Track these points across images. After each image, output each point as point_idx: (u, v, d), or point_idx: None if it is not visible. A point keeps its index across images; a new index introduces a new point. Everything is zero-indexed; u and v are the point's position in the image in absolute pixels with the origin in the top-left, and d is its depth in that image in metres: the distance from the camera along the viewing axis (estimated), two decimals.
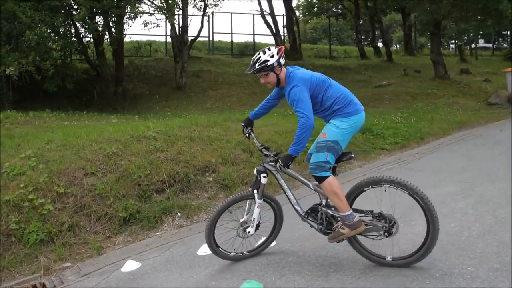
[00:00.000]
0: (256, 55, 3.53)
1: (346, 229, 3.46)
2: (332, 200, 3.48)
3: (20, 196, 5.07)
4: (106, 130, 7.09)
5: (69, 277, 4.37)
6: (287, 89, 3.48)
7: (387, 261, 3.55)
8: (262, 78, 3.58)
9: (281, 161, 3.45)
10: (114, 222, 5.24)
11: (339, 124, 3.47)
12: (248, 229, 3.77)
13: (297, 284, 3.40)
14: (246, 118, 4.02)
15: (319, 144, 3.46)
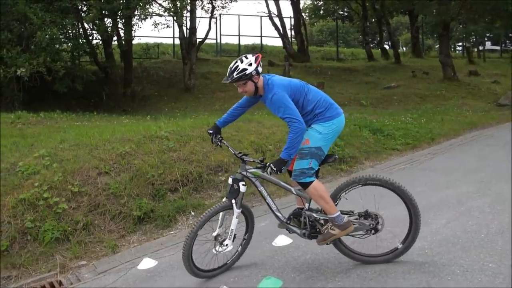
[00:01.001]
0: (233, 64, 3.42)
1: (336, 229, 3.45)
2: (319, 203, 3.46)
3: (34, 194, 5.09)
4: (118, 130, 7.11)
5: (85, 275, 4.38)
6: (268, 97, 3.40)
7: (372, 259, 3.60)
8: (240, 87, 3.45)
9: (274, 165, 3.28)
10: (129, 221, 5.25)
11: (321, 130, 3.43)
12: (226, 242, 3.57)
13: (317, 280, 3.39)
14: (213, 125, 3.83)
15: (302, 151, 3.39)
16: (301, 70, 15.85)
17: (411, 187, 5.75)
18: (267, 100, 3.44)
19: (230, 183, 3.58)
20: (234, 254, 3.85)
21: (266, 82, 3.45)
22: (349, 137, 7.72)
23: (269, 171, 3.31)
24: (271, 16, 18.01)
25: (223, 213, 3.60)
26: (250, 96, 3.61)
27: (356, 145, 7.59)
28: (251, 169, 3.58)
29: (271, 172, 3.32)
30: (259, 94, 3.53)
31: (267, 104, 3.48)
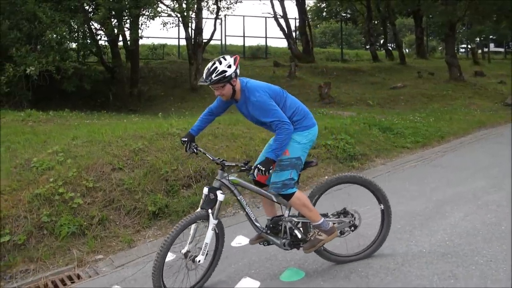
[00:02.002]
0: (211, 65, 3.22)
1: (324, 235, 3.41)
2: (303, 212, 3.42)
3: (50, 190, 5.11)
4: (129, 127, 7.14)
5: (103, 268, 4.39)
6: (250, 100, 3.26)
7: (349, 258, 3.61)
8: (217, 90, 3.25)
9: (262, 166, 3.14)
10: (143, 216, 5.26)
11: (299, 139, 3.35)
12: (198, 258, 3.24)
13: (340, 271, 3.40)
14: (187, 133, 3.64)
15: (282, 163, 3.31)
16: (307, 70, 15.88)
17: (424, 184, 5.84)
18: (248, 104, 3.29)
19: (206, 193, 3.31)
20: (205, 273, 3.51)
21: (245, 85, 3.31)
22: (359, 135, 7.73)
23: (256, 172, 3.17)
24: (276, 17, 18.07)
25: (195, 226, 3.29)
26: (225, 100, 3.41)
27: (366, 143, 7.60)
28: (230, 177, 3.38)
29: (257, 174, 3.18)
30: (235, 98, 3.34)
31: (248, 108, 3.31)
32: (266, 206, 3.65)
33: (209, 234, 3.27)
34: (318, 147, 7.04)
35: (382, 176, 6.46)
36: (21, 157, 5.86)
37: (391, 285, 3.09)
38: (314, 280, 3.32)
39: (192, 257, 3.27)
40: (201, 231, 3.33)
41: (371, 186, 3.67)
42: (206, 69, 3.24)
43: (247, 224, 4.90)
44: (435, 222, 4.20)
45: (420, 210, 4.62)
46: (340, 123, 8.00)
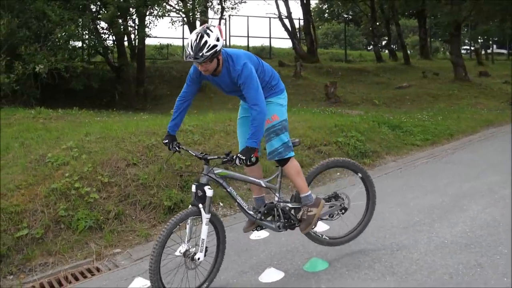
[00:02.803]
0: (197, 38, 2.93)
1: (313, 209, 3.45)
2: (296, 180, 3.44)
3: (66, 184, 5.13)
4: (141, 124, 7.16)
5: (121, 261, 4.41)
6: (235, 69, 3.07)
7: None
8: (204, 66, 3.00)
9: (242, 155, 3.03)
10: (159, 211, 5.28)
11: (282, 102, 3.36)
12: (197, 256, 3.14)
13: (363, 261, 3.42)
14: (166, 135, 3.44)
15: (276, 128, 3.28)
16: (312, 70, 15.93)
17: (438, 179, 5.87)
18: (231, 73, 3.10)
19: (194, 191, 3.20)
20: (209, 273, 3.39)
21: (226, 56, 3.11)
22: (369, 132, 7.76)
23: (238, 162, 3.04)
24: (281, 17, 18.11)
25: (190, 224, 3.19)
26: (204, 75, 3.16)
27: (376, 141, 7.63)
28: (217, 170, 3.27)
29: (240, 163, 3.05)
30: (216, 71, 3.12)
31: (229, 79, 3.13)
32: (254, 187, 3.62)
33: (204, 229, 3.17)
34: (330, 144, 7.07)
35: (394, 172, 6.49)
36: (35, 153, 5.89)
37: (417, 274, 3.12)
38: (339, 270, 3.35)
39: (191, 256, 3.17)
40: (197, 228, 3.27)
41: (362, 172, 3.80)
42: (193, 43, 2.92)
43: None
44: (454, 215, 4.23)
45: (437, 204, 4.65)
46: (350, 121, 8.03)
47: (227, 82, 3.17)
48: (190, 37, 2.99)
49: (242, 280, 3.41)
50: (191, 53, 2.93)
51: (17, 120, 7.80)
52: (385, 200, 5.03)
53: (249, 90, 3.05)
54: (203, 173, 3.23)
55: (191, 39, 2.95)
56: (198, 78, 3.28)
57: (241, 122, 3.56)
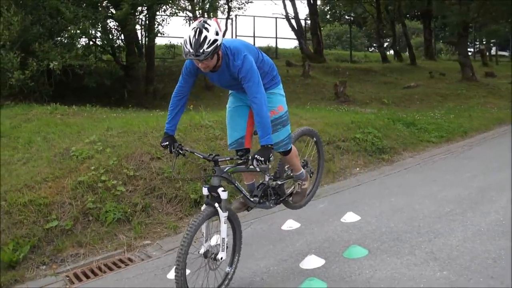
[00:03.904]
0: (196, 34, 2.70)
1: (305, 183, 3.59)
2: (295, 163, 3.50)
3: (92, 177, 5.17)
4: (161, 119, 7.20)
5: (153, 252, 4.45)
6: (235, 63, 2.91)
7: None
8: (204, 62, 2.79)
9: (261, 156, 2.85)
10: (185, 204, 5.32)
11: (282, 93, 3.30)
12: (220, 255, 3.03)
13: (402, 247, 3.47)
14: (165, 136, 3.22)
15: (283, 119, 3.22)
16: (319, 70, 16.00)
17: (460, 173, 5.92)
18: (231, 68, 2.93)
19: (206, 194, 3.06)
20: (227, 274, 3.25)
21: (225, 49, 2.92)
22: (384, 129, 7.81)
23: (255, 163, 2.88)
24: (288, 17, 18.19)
25: (206, 224, 3.06)
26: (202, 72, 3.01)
27: (392, 137, 7.68)
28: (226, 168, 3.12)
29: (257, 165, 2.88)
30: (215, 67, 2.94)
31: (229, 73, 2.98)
32: (247, 174, 3.54)
33: (224, 228, 3.04)
34: (347, 140, 7.12)
35: (414, 167, 6.55)
36: (58, 147, 5.92)
37: (460, 259, 3.17)
38: (379, 256, 3.40)
39: (213, 256, 3.05)
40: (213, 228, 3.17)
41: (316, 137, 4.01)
42: (192, 39, 2.69)
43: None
44: (484, 205, 4.29)
45: (464, 195, 4.71)
46: (365, 118, 8.08)
47: (226, 77, 3.02)
48: (187, 33, 2.73)
49: (283, 267, 3.45)
50: (190, 51, 2.70)
51: (35, 115, 7.83)
52: (411, 192, 5.08)
53: (250, 83, 2.91)
54: (215, 174, 3.06)
55: (189, 36, 2.70)
56: (195, 71, 3.08)
57: (233, 112, 3.41)
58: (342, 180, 6.14)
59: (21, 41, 9.59)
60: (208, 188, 3.05)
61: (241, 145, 3.35)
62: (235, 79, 2.99)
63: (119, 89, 13.28)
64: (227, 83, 3.11)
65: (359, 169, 6.60)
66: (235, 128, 3.37)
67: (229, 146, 3.42)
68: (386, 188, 5.43)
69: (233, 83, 3.08)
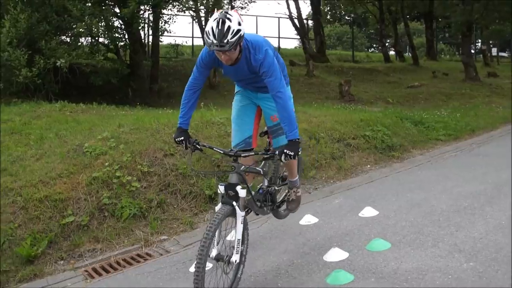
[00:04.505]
0: (218, 24, 2.62)
1: (299, 190, 3.57)
2: (293, 169, 3.45)
3: (107, 173, 5.17)
4: (172, 117, 7.21)
5: (170, 247, 4.45)
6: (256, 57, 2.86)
7: None
8: (226, 54, 2.73)
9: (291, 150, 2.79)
10: (199, 200, 5.32)
11: (290, 94, 3.20)
12: (233, 258, 2.86)
13: (425, 241, 3.49)
14: (179, 131, 3.15)
15: None
16: (323, 70, 16.05)
17: (473, 169, 5.96)
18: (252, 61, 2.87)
19: (222, 192, 2.92)
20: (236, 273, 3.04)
21: (246, 42, 2.85)
22: (393, 127, 7.85)
23: (284, 158, 2.81)
24: (291, 17, 18.23)
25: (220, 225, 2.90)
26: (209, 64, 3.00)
27: (401, 135, 7.72)
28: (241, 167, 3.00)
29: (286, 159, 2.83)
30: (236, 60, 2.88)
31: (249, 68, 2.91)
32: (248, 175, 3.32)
33: (240, 228, 2.88)
34: (357, 138, 7.15)
35: (424, 164, 6.58)
36: (71, 143, 5.92)
37: (485, 251, 3.20)
38: (403, 249, 3.42)
39: (227, 259, 2.87)
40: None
41: None
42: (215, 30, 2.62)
43: (313, 203, 5.03)
44: (501, 200, 4.33)
45: (480, 190, 4.75)
46: (374, 116, 8.11)
47: (245, 70, 2.95)
48: (209, 25, 2.67)
49: (307, 260, 3.46)
50: (214, 41, 2.62)
51: (44, 112, 7.83)
52: (426, 188, 5.11)
53: (272, 78, 2.86)
54: (234, 171, 2.93)
55: (212, 26, 2.63)
56: (211, 63, 3.01)
57: (241, 110, 3.37)
58: (354, 177, 6.16)
59: (27, 39, 9.58)
60: (225, 186, 2.91)
61: (249, 145, 3.29)
62: (253, 73, 2.94)
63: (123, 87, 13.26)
64: (243, 77, 3.06)
65: (370, 166, 6.62)
66: (242, 127, 3.32)
67: (236, 146, 3.31)
68: (400, 184, 5.46)
69: (250, 78, 3.03)
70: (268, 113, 3.27)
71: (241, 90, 3.38)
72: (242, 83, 3.27)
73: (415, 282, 2.86)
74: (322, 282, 3.05)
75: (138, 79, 13.21)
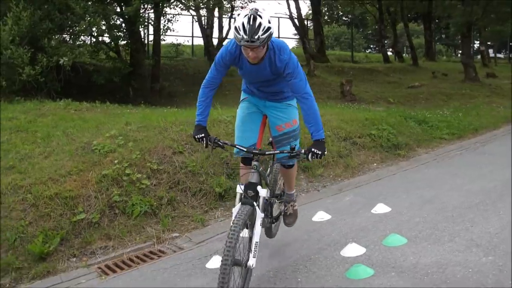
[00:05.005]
0: (249, 20, 2.64)
1: (296, 204, 3.52)
2: (292, 181, 3.46)
3: (116, 171, 5.17)
4: (178, 115, 7.22)
5: (183, 244, 4.45)
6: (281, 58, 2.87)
7: None
8: (255, 51, 2.73)
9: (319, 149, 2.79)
10: (209, 197, 5.33)
11: (296, 105, 3.21)
12: (250, 262, 2.74)
13: (440, 236, 3.52)
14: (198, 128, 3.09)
15: (296, 132, 3.20)
16: (323, 69, 16.09)
17: (480, 167, 6.00)
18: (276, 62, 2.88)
19: (240, 192, 2.85)
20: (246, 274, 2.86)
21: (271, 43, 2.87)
22: (398, 126, 7.89)
23: (311, 157, 2.80)
24: (292, 17, 18.26)
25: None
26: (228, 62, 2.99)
27: (406, 134, 7.76)
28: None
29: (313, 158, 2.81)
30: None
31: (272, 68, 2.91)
32: None
33: (259, 230, 2.75)
34: (363, 137, 7.18)
35: (431, 163, 6.62)
36: (79, 140, 5.91)
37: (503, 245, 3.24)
38: (420, 244, 3.44)
39: (244, 263, 2.74)
40: None
41: None
42: (246, 25, 2.63)
43: (323, 201, 5.05)
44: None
45: (490, 188, 4.79)
46: (379, 115, 8.16)
47: (267, 71, 2.94)
48: (240, 20, 2.69)
49: (324, 256, 3.47)
50: (244, 37, 2.63)
51: (49, 110, 7.80)
52: (436, 186, 5.14)
53: (297, 79, 2.88)
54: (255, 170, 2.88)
55: (243, 22, 2.65)
56: (230, 62, 3.01)
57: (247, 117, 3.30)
58: (362, 175, 6.19)
59: (29, 37, 9.55)
60: (245, 185, 2.84)
61: None
62: (275, 74, 2.95)
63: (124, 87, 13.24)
64: (263, 78, 3.03)
65: (377, 164, 6.65)
66: (248, 134, 3.23)
67: (239, 153, 3.21)
68: (409, 182, 5.49)
69: (267, 80, 3.03)
70: (274, 122, 3.23)
71: (248, 97, 3.35)
72: (255, 85, 3.20)
73: (436, 276, 2.88)
74: (342, 277, 3.07)
75: (139, 78, 13.19)
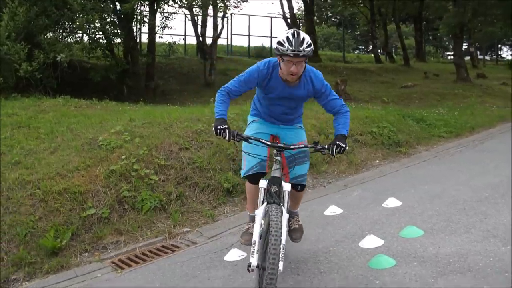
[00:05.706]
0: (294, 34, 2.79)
1: (299, 219, 3.52)
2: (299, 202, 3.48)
3: (124, 166, 5.16)
4: (181, 111, 7.20)
5: (195, 239, 4.45)
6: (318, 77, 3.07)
7: None
8: (298, 66, 2.83)
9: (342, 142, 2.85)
10: (218, 193, 5.34)
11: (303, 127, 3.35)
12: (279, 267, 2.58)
13: (456, 228, 3.60)
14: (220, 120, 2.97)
15: (307, 152, 3.21)
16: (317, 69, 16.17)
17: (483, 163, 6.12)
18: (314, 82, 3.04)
19: (265, 187, 2.81)
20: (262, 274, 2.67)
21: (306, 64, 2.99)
22: (397, 124, 8.00)
23: (335, 149, 2.82)
24: (285, 17, 18.32)
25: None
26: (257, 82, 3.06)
27: (405, 132, 7.86)
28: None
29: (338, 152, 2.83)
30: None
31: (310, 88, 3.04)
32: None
33: (284, 232, 2.60)
34: (364, 134, 7.26)
35: (432, 160, 6.73)
36: (84, 136, 5.87)
37: None
38: (436, 235, 3.51)
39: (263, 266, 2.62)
40: None
41: None
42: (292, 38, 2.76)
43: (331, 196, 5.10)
44: None
45: (497, 182, 4.89)
46: (378, 114, 8.25)
47: (301, 92, 3.04)
48: (284, 35, 2.82)
49: (343, 247, 3.52)
50: (290, 48, 2.73)
51: (49, 107, 7.72)
52: (442, 181, 5.24)
53: (333, 97, 3.10)
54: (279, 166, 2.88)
55: (288, 36, 2.78)
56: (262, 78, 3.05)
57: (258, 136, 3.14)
58: (365, 171, 6.27)
59: (25, 33, 9.41)
60: (269, 180, 2.81)
61: (264, 168, 3.16)
62: (309, 95, 3.10)
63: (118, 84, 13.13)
64: (295, 97, 3.08)
65: (379, 161, 6.74)
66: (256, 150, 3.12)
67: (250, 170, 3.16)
68: (414, 178, 5.58)
69: (297, 101, 3.13)
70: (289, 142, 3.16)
71: (259, 119, 3.33)
72: (279, 108, 3.16)
73: (458, 265, 2.95)
74: (364, 267, 3.11)
75: (133, 76, 13.11)
